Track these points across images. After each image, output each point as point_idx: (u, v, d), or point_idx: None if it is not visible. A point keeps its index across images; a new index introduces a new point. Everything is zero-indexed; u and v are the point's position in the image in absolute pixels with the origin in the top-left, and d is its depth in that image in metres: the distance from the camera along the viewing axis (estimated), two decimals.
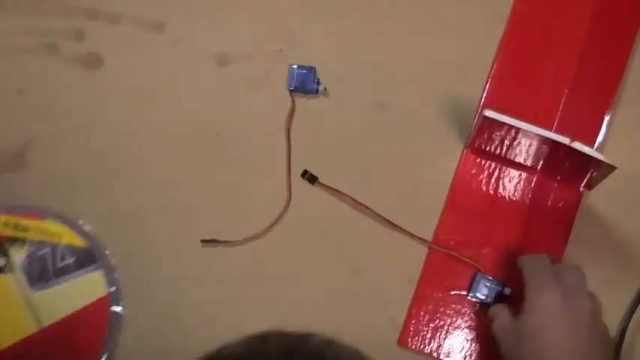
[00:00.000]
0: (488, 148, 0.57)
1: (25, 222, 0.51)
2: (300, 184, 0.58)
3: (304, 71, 0.58)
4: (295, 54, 0.59)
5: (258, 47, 0.59)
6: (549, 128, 0.55)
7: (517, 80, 0.59)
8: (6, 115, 0.59)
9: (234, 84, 0.59)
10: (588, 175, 0.54)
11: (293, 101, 0.58)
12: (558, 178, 0.57)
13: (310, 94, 0.59)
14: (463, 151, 0.58)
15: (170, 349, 0.56)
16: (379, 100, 0.59)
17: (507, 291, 0.55)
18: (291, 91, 0.59)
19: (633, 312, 0.57)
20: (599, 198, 0.58)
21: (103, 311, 0.50)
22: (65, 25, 0.59)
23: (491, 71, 0.59)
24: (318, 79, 0.58)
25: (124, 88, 0.59)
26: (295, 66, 0.58)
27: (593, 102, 0.58)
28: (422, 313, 0.56)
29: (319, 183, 0.57)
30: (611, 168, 0.50)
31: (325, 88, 0.59)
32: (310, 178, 0.57)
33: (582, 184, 0.56)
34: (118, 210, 0.57)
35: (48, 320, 0.49)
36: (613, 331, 0.57)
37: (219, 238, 0.57)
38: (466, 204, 0.57)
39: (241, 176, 0.58)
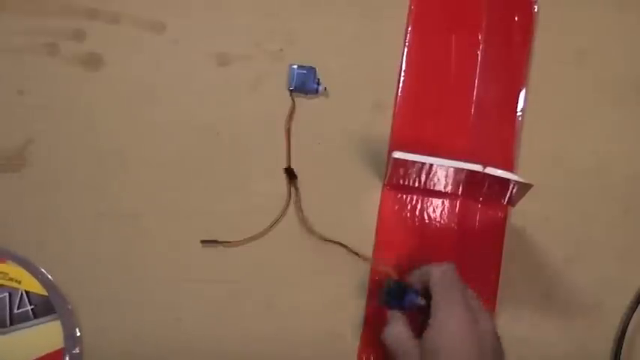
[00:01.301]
0: (407, 183, 0.57)
1: None
2: (299, 184, 0.58)
3: (304, 71, 0.58)
4: (295, 54, 0.59)
5: (258, 47, 0.59)
6: (464, 152, 0.56)
7: (422, 112, 0.59)
8: (6, 115, 0.58)
9: (234, 84, 0.59)
10: (509, 193, 0.55)
11: (293, 101, 0.58)
12: (481, 199, 0.58)
13: (310, 94, 0.59)
14: (382, 189, 0.58)
15: (170, 349, 0.56)
16: (379, 100, 0.59)
17: (422, 301, 0.51)
18: (291, 91, 0.59)
19: (633, 312, 0.57)
20: (523, 213, 0.58)
21: None
22: (65, 25, 0.59)
23: (395, 108, 0.59)
24: (318, 79, 0.59)
25: (124, 88, 0.59)
26: (295, 66, 0.58)
27: (500, 117, 0.59)
28: None
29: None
30: (528, 185, 0.51)
31: (325, 88, 0.59)
32: (290, 173, 0.57)
33: (505, 202, 0.57)
34: (117, 210, 0.57)
35: None
36: (613, 331, 0.57)
37: (219, 238, 0.57)
38: (395, 240, 0.58)
39: (241, 176, 0.58)
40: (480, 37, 0.60)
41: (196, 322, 0.57)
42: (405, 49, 0.59)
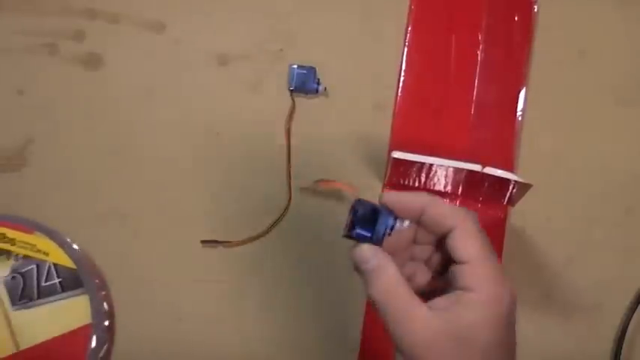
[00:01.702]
0: (407, 182, 0.57)
1: (12, 234, 0.48)
2: (299, 184, 0.58)
3: (304, 71, 0.58)
4: (295, 54, 0.59)
5: (258, 47, 0.59)
6: (464, 152, 0.57)
7: (422, 112, 0.59)
8: (6, 115, 0.58)
9: (234, 84, 0.59)
10: (509, 193, 0.55)
11: (293, 101, 0.58)
12: (480, 199, 0.58)
13: (310, 94, 0.59)
14: (382, 189, 0.58)
15: (170, 349, 0.56)
16: (379, 100, 0.59)
17: (406, 223, 0.40)
18: (291, 91, 0.59)
19: (633, 312, 0.57)
20: (523, 214, 0.58)
21: (84, 341, 0.46)
22: (65, 25, 0.59)
23: (395, 108, 0.59)
24: (318, 79, 0.59)
25: (124, 88, 0.59)
26: (295, 66, 0.58)
27: (500, 117, 0.59)
28: None
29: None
30: (528, 185, 0.51)
31: (325, 88, 0.59)
32: None
33: (505, 202, 0.57)
34: (117, 210, 0.57)
35: (26, 343, 0.46)
36: (613, 331, 0.57)
37: (219, 238, 0.57)
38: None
39: (241, 176, 0.58)
40: (479, 37, 0.60)
41: (196, 322, 0.57)
42: (405, 49, 0.59)
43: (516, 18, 0.60)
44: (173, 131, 0.59)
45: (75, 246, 0.48)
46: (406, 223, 0.39)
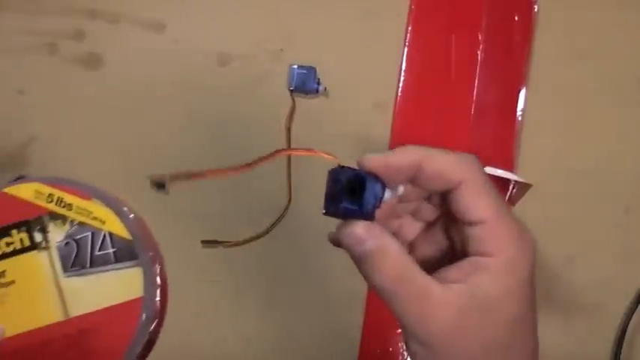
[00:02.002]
0: None
1: (69, 198, 0.45)
2: (300, 184, 0.58)
3: (304, 71, 0.58)
4: (295, 54, 0.59)
5: (258, 47, 0.60)
6: (463, 151, 0.56)
7: (422, 112, 0.59)
8: (6, 115, 0.59)
9: (234, 84, 0.59)
10: (509, 193, 0.55)
11: (293, 101, 0.58)
12: None
13: (310, 94, 0.59)
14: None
15: (170, 349, 0.56)
16: (379, 100, 0.59)
17: (400, 189, 0.34)
18: (291, 91, 0.59)
19: (633, 312, 0.57)
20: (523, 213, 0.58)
21: (134, 314, 0.45)
22: (65, 25, 0.59)
23: (395, 108, 0.59)
24: (319, 79, 0.59)
25: (124, 88, 0.59)
26: (295, 66, 0.58)
27: (500, 117, 0.59)
28: None
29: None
30: (528, 185, 0.51)
31: (325, 88, 0.59)
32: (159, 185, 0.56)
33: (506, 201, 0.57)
34: None
35: (75, 311, 0.44)
36: (613, 331, 0.57)
37: (219, 238, 0.57)
38: None
39: (241, 176, 0.58)
40: (479, 37, 0.60)
41: (196, 322, 0.57)
42: (405, 49, 0.59)
43: (516, 18, 0.60)
44: (173, 131, 0.59)
45: (132, 216, 0.46)
46: (400, 189, 0.33)
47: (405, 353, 0.56)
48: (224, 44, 0.60)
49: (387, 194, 0.32)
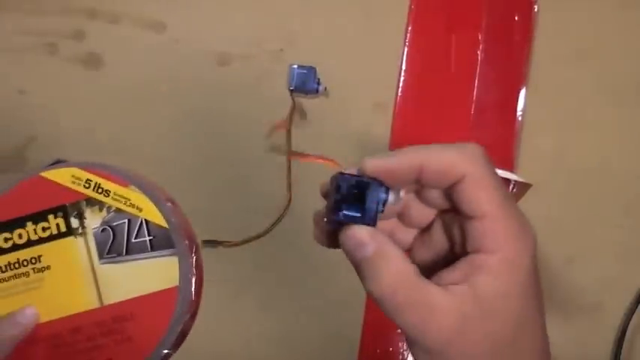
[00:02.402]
0: None
1: (107, 184, 0.44)
2: (299, 184, 0.58)
3: (304, 71, 0.58)
4: (295, 54, 0.59)
5: (258, 47, 0.60)
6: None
7: (422, 112, 0.59)
8: (6, 115, 0.59)
9: (234, 84, 0.59)
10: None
11: (293, 101, 0.58)
12: None
13: (310, 94, 0.59)
14: None
15: None
16: (379, 100, 0.59)
17: (402, 193, 0.33)
18: (291, 91, 0.59)
19: (633, 312, 0.57)
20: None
21: (169, 304, 0.44)
22: (65, 25, 0.59)
23: (395, 108, 0.59)
24: (319, 79, 0.59)
25: (124, 88, 0.59)
26: (295, 66, 0.58)
27: (500, 117, 0.59)
28: None
29: None
30: (528, 185, 0.51)
31: (325, 88, 0.59)
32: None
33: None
34: None
35: (110, 299, 0.43)
36: (613, 331, 0.57)
37: (219, 238, 0.57)
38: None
39: (241, 176, 0.58)
40: (479, 37, 0.60)
41: (196, 322, 0.57)
42: (405, 49, 0.59)
43: (516, 18, 0.60)
44: (173, 131, 0.59)
45: (169, 204, 0.45)
46: (402, 193, 0.32)
47: (406, 353, 0.56)
48: (224, 44, 0.60)
49: (391, 198, 0.32)
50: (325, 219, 0.32)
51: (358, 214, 0.31)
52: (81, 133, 0.58)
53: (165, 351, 0.42)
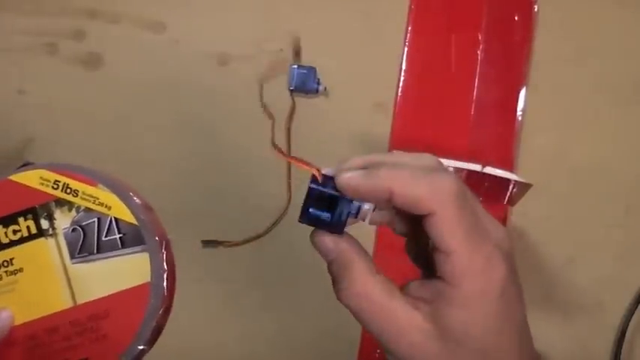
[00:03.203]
0: None
1: (75, 185, 0.45)
2: (299, 184, 0.58)
3: (304, 71, 0.58)
4: (295, 54, 0.59)
5: (258, 47, 0.59)
6: (464, 152, 0.57)
7: (422, 112, 0.59)
8: (6, 115, 0.58)
9: (234, 84, 0.59)
10: (509, 193, 0.55)
11: (293, 101, 0.58)
12: (480, 199, 0.58)
13: (310, 94, 0.59)
14: None
15: (169, 349, 0.56)
16: (379, 100, 0.59)
17: (366, 206, 0.33)
18: (291, 91, 0.59)
19: (633, 312, 0.57)
20: (523, 213, 0.58)
21: (142, 300, 0.44)
22: (65, 25, 0.59)
23: (395, 108, 0.59)
24: (319, 79, 0.59)
25: (124, 88, 0.59)
26: (295, 66, 0.59)
27: (500, 117, 0.59)
28: None
29: None
30: (528, 185, 0.51)
31: (325, 88, 0.59)
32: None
33: (505, 201, 0.57)
34: None
35: (83, 298, 0.44)
36: (613, 331, 0.57)
37: (219, 239, 0.57)
38: (395, 240, 0.57)
39: (241, 176, 0.58)
40: (479, 37, 0.60)
41: (196, 322, 0.57)
42: (405, 49, 0.59)
43: (516, 18, 0.60)
44: (173, 131, 0.59)
45: (138, 201, 0.45)
46: (368, 207, 0.33)
47: None
48: (224, 44, 0.60)
49: (365, 207, 0.33)
50: (299, 219, 0.34)
51: (327, 217, 0.33)
52: (81, 133, 0.58)
53: (141, 347, 0.43)
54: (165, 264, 0.45)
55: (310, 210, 0.32)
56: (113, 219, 0.45)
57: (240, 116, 0.59)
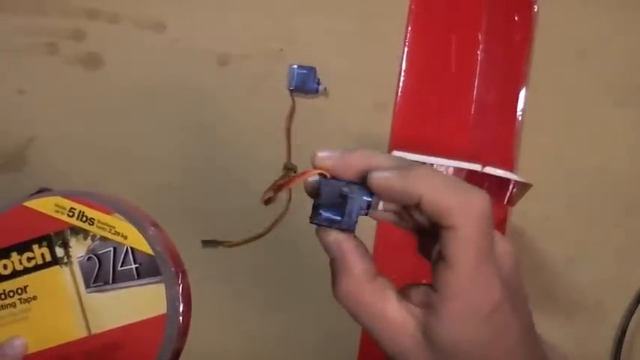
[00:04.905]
0: None
1: (91, 213, 0.44)
2: (299, 184, 0.58)
3: (304, 71, 0.58)
4: (295, 54, 0.59)
5: (258, 47, 0.59)
6: (464, 152, 0.57)
7: (422, 112, 0.59)
8: (6, 115, 0.58)
9: (234, 84, 0.59)
10: (508, 193, 0.55)
11: (293, 101, 0.58)
12: None
13: (310, 94, 0.59)
14: None
15: None
16: (379, 100, 0.59)
17: (380, 206, 0.33)
18: (291, 91, 0.58)
19: (633, 312, 0.57)
20: (524, 213, 0.58)
21: (157, 331, 0.44)
22: (65, 25, 0.59)
23: (395, 108, 0.59)
24: (318, 79, 0.58)
25: (124, 88, 0.59)
26: (295, 66, 0.58)
27: (500, 117, 0.59)
28: None
29: None
30: (528, 185, 0.51)
31: (325, 88, 0.59)
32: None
33: (505, 201, 0.57)
34: None
35: (98, 328, 0.44)
36: (613, 331, 0.57)
37: (219, 239, 0.57)
38: (395, 241, 0.56)
39: (241, 176, 0.58)
40: (479, 37, 0.60)
41: (196, 323, 0.57)
42: (405, 49, 0.59)
43: (516, 18, 0.60)
44: (173, 131, 0.59)
45: (152, 231, 0.45)
46: (381, 205, 0.32)
47: None
48: (224, 44, 0.60)
49: (377, 202, 0.32)
50: (309, 219, 0.34)
51: (338, 218, 0.32)
52: (81, 133, 0.58)
53: None
54: (180, 295, 0.45)
55: (321, 212, 0.33)
56: (129, 249, 0.44)
57: (239, 116, 0.59)
